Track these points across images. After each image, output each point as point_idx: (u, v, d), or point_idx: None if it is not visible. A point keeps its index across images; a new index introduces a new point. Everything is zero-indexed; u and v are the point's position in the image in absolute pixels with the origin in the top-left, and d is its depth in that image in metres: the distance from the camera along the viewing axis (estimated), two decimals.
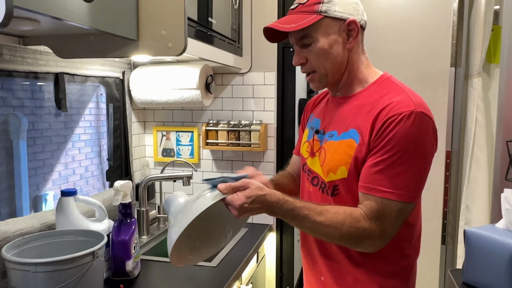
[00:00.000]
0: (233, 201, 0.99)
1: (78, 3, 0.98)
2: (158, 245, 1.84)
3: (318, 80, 1.13)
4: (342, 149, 1.08)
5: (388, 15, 2.16)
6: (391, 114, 0.99)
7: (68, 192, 1.35)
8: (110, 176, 1.95)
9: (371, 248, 1.04)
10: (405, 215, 1.02)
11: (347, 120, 1.10)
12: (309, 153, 1.21)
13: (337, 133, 1.12)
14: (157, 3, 1.22)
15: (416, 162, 1.00)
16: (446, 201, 2.22)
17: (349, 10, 1.08)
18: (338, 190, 1.09)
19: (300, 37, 1.10)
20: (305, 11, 1.08)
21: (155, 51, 1.24)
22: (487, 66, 2.23)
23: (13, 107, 1.59)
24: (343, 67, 1.11)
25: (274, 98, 2.02)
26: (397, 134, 0.98)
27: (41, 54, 1.43)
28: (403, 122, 0.98)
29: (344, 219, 1.00)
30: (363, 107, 1.08)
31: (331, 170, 1.10)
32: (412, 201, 1.01)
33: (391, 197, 0.98)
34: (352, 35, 1.08)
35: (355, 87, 1.14)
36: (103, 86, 1.86)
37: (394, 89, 1.07)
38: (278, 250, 2.07)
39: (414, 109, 0.99)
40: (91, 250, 1.12)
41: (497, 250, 1.09)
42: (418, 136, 0.99)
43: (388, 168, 0.99)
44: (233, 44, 1.85)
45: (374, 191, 1.00)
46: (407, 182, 0.99)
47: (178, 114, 2.15)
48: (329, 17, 1.06)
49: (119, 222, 1.42)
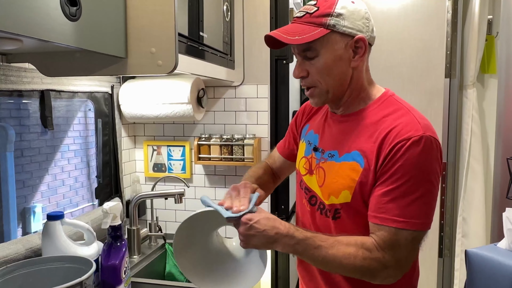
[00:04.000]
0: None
1: (62, 22, 0.93)
2: (150, 264, 1.79)
3: (318, 96, 1.07)
4: (345, 172, 1.03)
5: (382, 26, 2.14)
6: (400, 139, 0.95)
7: (54, 216, 1.29)
8: (100, 194, 1.89)
9: (388, 280, 0.99)
10: (420, 242, 0.99)
11: (350, 141, 1.05)
12: (307, 170, 1.16)
13: (338, 153, 1.07)
14: (146, 19, 1.17)
15: (427, 189, 0.96)
16: (442, 213, 2.20)
17: (358, 26, 1.01)
18: (340, 214, 1.05)
19: (304, 49, 1.03)
20: (312, 23, 1.00)
21: (145, 69, 1.19)
22: (481, 76, 2.22)
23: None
24: (346, 85, 1.06)
25: (268, 111, 1.98)
26: (407, 161, 0.94)
27: (26, 71, 1.38)
28: (413, 148, 0.94)
29: (356, 250, 0.96)
30: (366, 128, 1.03)
31: (333, 193, 1.05)
32: (426, 228, 0.97)
33: (405, 226, 0.94)
34: (358, 53, 1.02)
35: (357, 105, 1.09)
36: (91, 101, 1.81)
37: (399, 108, 1.03)
38: (273, 267, 2.02)
39: (423, 133, 0.95)
40: (78, 280, 1.06)
41: (500, 271, 1.07)
42: (429, 162, 0.95)
43: (399, 197, 0.95)
44: (225, 58, 1.81)
45: (387, 221, 0.95)
46: (419, 210, 0.95)
47: (169, 128, 2.09)
48: (337, 32, 1.00)
49: (108, 245, 1.36)
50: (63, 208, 1.90)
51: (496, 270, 1.07)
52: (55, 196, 1.90)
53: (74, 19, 0.96)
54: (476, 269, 1.12)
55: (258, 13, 1.94)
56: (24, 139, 1.70)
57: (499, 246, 1.16)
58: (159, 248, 1.91)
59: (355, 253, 0.95)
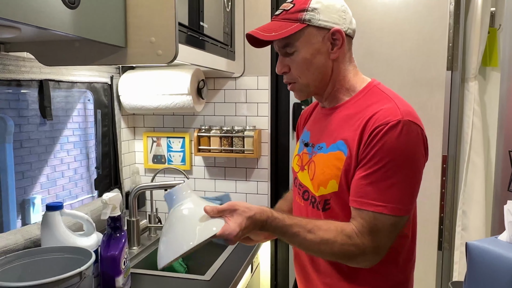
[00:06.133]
0: (228, 235, 0.93)
1: (61, 9, 0.91)
2: (149, 256, 1.78)
3: (299, 90, 1.11)
4: (331, 162, 1.04)
5: (382, 17, 2.12)
6: (378, 124, 0.96)
7: (53, 206, 1.28)
8: (99, 185, 1.89)
9: (365, 264, 1.00)
10: (399, 228, 0.99)
11: (335, 131, 1.06)
12: (300, 166, 1.18)
13: (325, 145, 1.08)
14: (146, 8, 1.16)
15: (407, 173, 0.96)
16: (442, 206, 2.19)
17: (334, 19, 1.04)
18: (330, 204, 1.06)
19: (283, 45, 1.07)
20: (288, 19, 1.04)
21: (144, 59, 1.18)
22: (483, 69, 2.20)
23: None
24: (327, 77, 1.08)
25: (268, 103, 1.96)
26: (385, 144, 0.94)
27: (24, 60, 1.36)
28: (391, 132, 0.94)
29: (335, 236, 0.97)
30: (350, 118, 1.04)
31: (321, 184, 1.06)
32: (405, 214, 0.97)
33: (383, 211, 0.95)
34: (336, 45, 1.05)
35: (342, 96, 1.10)
36: (90, 91, 1.79)
37: (382, 97, 1.03)
38: (273, 259, 2.02)
39: (402, 118, 0.95)
40: (78, 270, 1.05)
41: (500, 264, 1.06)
42: (407, 146, 0.95)
43: (378, 180, 0.95)
44: (225, 48, 1.79)
45: (365, 205, 0.96)
46: (399, 194, 0.95)
47: (169, 120, 2.08)
48: (313, 26, 1.03)
49: (108, 236, 1.35)
50: (63, 200, 1.90)
51: (496, 263, 1.07)
52: (55, 187, 1.89)
53: (73, 6, 0.95)
54: (477, 261, 1.11)
55: (259, 3, 1.92)
56: (23, 130, 1.69)
57: (500, 239, 1.15)
58: (158, 240, 1.90)
59: (333, 239, 0.97)
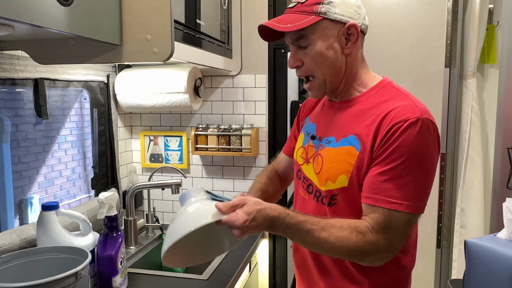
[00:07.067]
0: (234, 221, 0.91)
1: (55, 7, 0.90)
2: (147, 255, 1.77)
3: (318, 88, 1.08)
4: (342, 157, 1.03)
5: (381, 15, 2.11)
6: (397, 120, 0.95)
7: (49, 206, 1.27)
8: (96, 184, 1.87)
9: (377, 262, 0.99)
10: (412, 226, 0.98)
11: (346, 126, 1.05)
12: (304, 159, 1.16)
13: (335, 139, 1.06)
14: (141, 5, 1.15)
15: (423, 171, 0.95)
16: (441, 204, 2.19)
17: (350, 13, 1.02)
18: (336, 200, 1.04)
19: (297, 38, 1.04)
20: (304, 11, 1.02)
21: (140, 57, 1.17)
22: (481, 66, 2.20)
23: None
24: (342, 73, 1.06)
25: (266, 101, 1.95)
26: (404, 141, 0.93)
27: (19, 59, 1.35)
28: (410, 129, 0.93)
29: (349, 233, 0.95)
30: (363, 113, 1.03)
31: (330, 178, 1.04)
32: (420, 212, 0.97)
33: (399, 208, 0.94)
34: (351, 40, 1.03)
35: (353, 91, 1.09)
36: (86, 90, 1.78)
37: (397, 94, 1.03)
38: (271, 258, 2.02)
39: (420, 115, 0.94)
40: (74, 271, 1.04)
41: (499, 262, 1.06)
42: (425, 144, 0.95)
43: (394, 178, 0.94)
44: (222, 46, 1.78)
45: (381, 202, 0.95)
46: (415, 192, 0.94)
47: (166, 118, 2.07)
48: (328, 19, 1.01)
49: (104, 236, 1.34)
50: (60, 199, 1.89)
51: (495, 261, 1.06)
52: (52, 187, 1.88)
53: (67, 4, 0.93)
54: (476, 259, 1.11)
55: (256, 1, 1.91)
56: (20, 129, 1.68)
57: (498, 237, 1.15)
58: (156, 239, 1.90)
59: (348, 236, 0.95)
